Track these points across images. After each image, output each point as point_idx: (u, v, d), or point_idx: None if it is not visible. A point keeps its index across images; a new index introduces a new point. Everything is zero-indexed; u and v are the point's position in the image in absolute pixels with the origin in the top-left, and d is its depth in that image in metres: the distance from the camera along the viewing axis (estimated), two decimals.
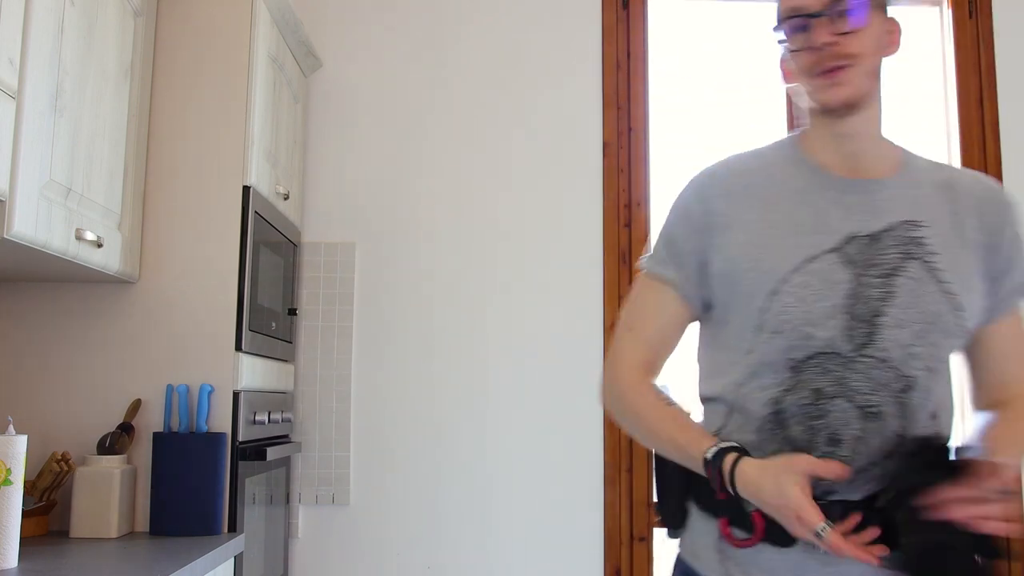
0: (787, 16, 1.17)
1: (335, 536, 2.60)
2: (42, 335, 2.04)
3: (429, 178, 2.74)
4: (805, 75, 1.17)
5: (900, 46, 1.22)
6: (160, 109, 2.11)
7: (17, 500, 1.56)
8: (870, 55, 1.16)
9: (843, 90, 1.15)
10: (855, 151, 1.20)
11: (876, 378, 1.11)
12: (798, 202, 1.18)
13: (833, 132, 1.20)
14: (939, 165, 1.27)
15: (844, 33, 1.13)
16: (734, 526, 1.15)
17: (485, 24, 2.80)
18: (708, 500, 1.18)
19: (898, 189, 1.19)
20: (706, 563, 1.20)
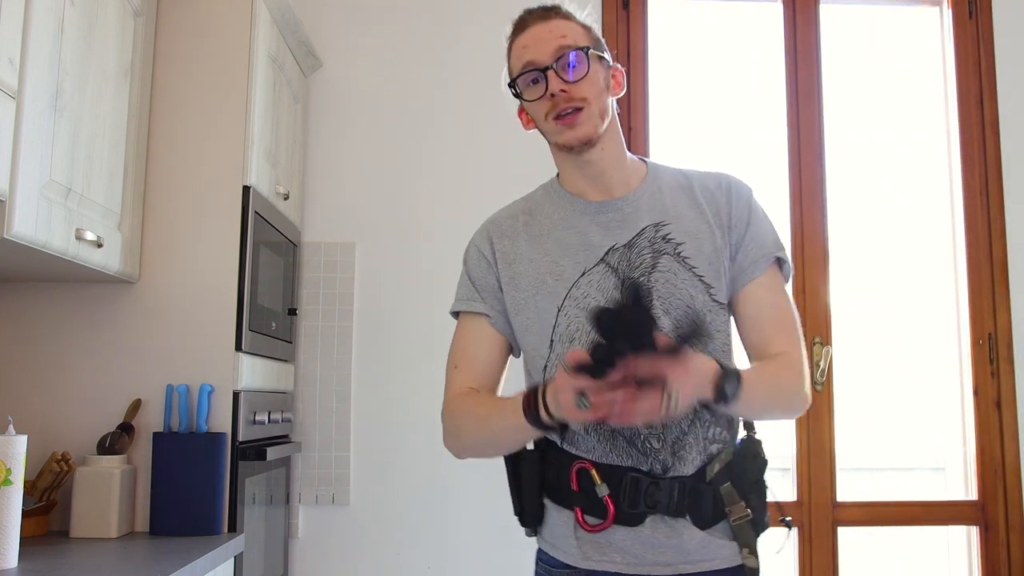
0: (522, 71, 1.33)
1: (335, 536, 2.60)
2: (42, 335, 2.04)
3: (429, 178, 2.74)
4: (543, 121, 1.34)
5: (624, 87, 1.39)
6: (160, 109, 2.11)
7: (17, 500, 1.56)
8: (596, 97, 1.32)
9: (579, 131, 1.32)
10: (601, 177, 1.37)
11: None
12: (564, 228, 1.37)
13: (578, 165, 1.37)
14: (680, 170, 1.43)
15: (572, 82, 1.30)
16: (588, 514, 1.30)
17: (485, 24, 2.80)
18: (562, 494, 1.33)
19: (643, 199, 1.37)
20: (565, 551, 1.33)
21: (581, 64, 1.31)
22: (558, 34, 1.32)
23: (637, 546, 1.29)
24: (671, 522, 1.29)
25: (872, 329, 2.93)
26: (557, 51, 1.31)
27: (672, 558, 1.29)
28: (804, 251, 2.79)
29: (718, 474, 1.31)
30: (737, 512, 1.30)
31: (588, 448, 1.32)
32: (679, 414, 1.14)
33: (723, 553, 1.30)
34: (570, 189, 1.41)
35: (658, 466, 1.29)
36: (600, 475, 1.29)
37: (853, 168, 2.93)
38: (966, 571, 2.78)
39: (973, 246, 2.79)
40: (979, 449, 2.74)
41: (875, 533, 2.86)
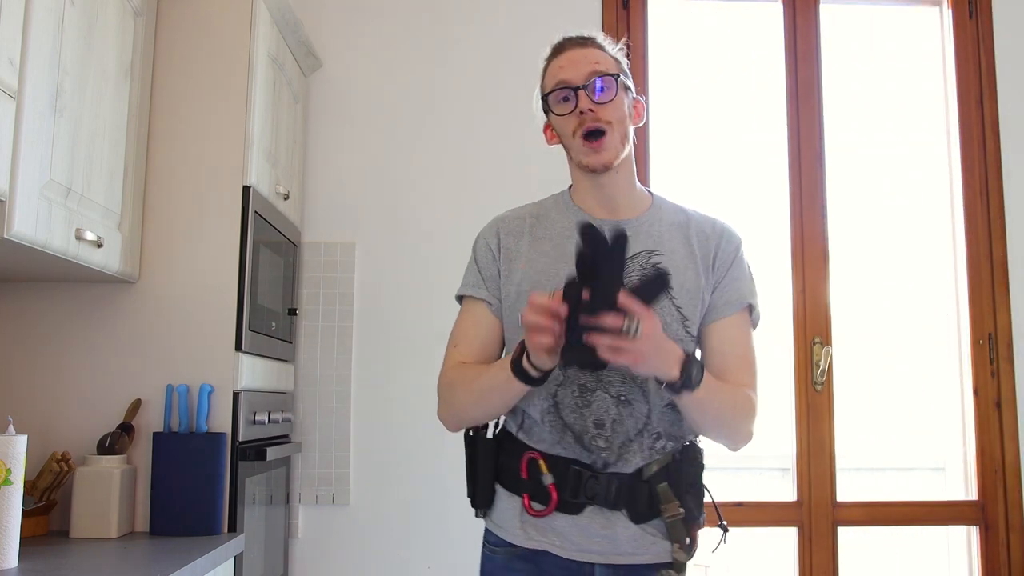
0: (554, 88, 1.45)
1: (335, 536, 2.60)
2: (42, 335, 2.04)
3: (429, 178, 2.74)
4: (570, 137, 1.45)
5: (644, 118, 1.51)
6: (160, 109, 2.11)
7: (17, 500, 1.56)
8: (620, 123, 1.44)
9: (604, 155, 1.43)
10: (611, 200, 1.49)
11: (624, 373, 1.39)
12: (566, 237, 1.47)
13: (592, 183, 1.49)
14: (682, 208, 1.55)
15: (600, 103, 1.42)
16: (534, 500, 1.43)
17: (485, 24, 2.80)
18: (512, 481, 1.46)
19: (643, 226, 1.48)
20: (509, 531, 1.46)
21: (610, 88, 1.43)
22: (592, 60, 1.45)
23: (575, 533, 1.41)
24: (608, 514, 1.41)
25: (872, 329, 2.93)
26: (590, 74, 1.43)
27: (605, 548, 1.41)
28: (804, 251, 2.79)
29: (655, 474, 1.41)
30: (671, 510, 1.40)
31: (540, 439, 1.44)
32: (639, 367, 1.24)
33: (654, 549, 1.42)
34: (579, 203, 1.52)
35: (600, 463, 1.41)
36: (547, 465, 1.42)
37: (853, 168, 2.93)
38: (966, 571, 2.78)
39: (973, 246, 2.79)
40: (979, 449, 2.74)
41: (875, 533, 2.86)
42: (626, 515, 1.41)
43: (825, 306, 2.77)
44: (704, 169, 2.95)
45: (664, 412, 1.43)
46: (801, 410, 2.72)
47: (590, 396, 1.41)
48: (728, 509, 2.71)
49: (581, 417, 1.41)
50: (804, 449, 2.71)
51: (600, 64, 1.44)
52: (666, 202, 1.54)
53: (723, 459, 3.07)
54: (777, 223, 2.84)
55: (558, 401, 1.42)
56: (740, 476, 3.12)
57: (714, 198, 2.95)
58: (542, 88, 1.50)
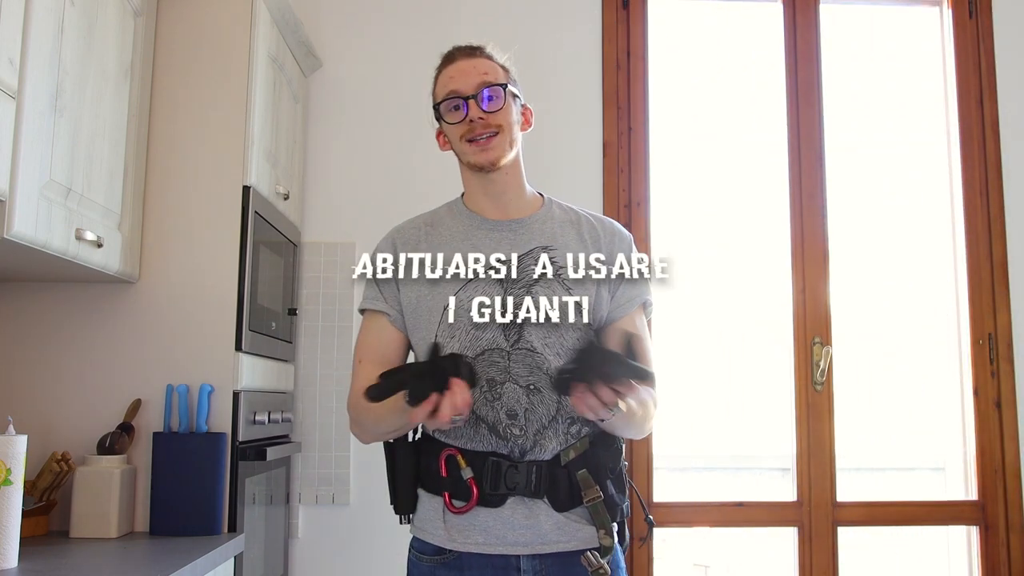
0: (446, 97, 1.52)
1: (335, 536, 2.60)
2: (42, 335, 2.04)
3: (429, 178, 2.74)
4: (458, 142, 1.52)
5: (532, 124, 1.59)
6: (160, 109, 2.11)
7: (17, 500, 1.56)
8: (509, 128, 1.51)
9: (490, 154, 1.50)
10: (501, 197, 1.55)
11: (530, 364, 1.45)
12: (460, 240, 1.53)
13: (483, 184, 1.55)
14: (571, 208, 1.62)
15: (489, 112, 1.49)
16: (455, 497, 1.45)
17: (485, 24, 2.80)
18: (432, 481, 1.49)
19: (536, 224, 1.55)
20: (433, 534, 1.48)
21: (498, 97, 1.51)
22: (481, 70, 1.52)
23: (498, 526, 1.43)
24: (530, 503, 1.43)
25: (872, 329, 2.93)
26: (479, 85, 1.50)
27: (529, 538, 1.43)
28: (804, 251, 2.79)
29: (574, 460, 1.44)
30: (591, 495, 1.43)
31: (456, 435, 1.47)
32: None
33: (580, 536, 1.44)
34: (471, 207, 1.58)
35: (517, 450, 1.44)
36: (465, 460, 1.44)
37: (853, 168, 2.93)
38: (966, 571, 2.78)
39: (973, 246, 2.79)
40: (979, 449, 2.74)
41: (875, 533, 2.86)
42: (547, 503, 1.44)
43: (825, 306, 2.77)
44: (704, 169, 2.95)
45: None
46: (801, 410, 2.72)
47: (499, 389, 1.45)
48: (728, 509, 2.73)
49: (493, 410, 1.45)
50: (804, 449, 2.71)
51: (488, 74, 1.52)
52: (556, 202, 1.62)
53: (723, 459, 3.09)
54: (777, 223, 2.84)
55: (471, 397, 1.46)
56: (740, 476, 3.12)
57: (714, 198, 2.95)
58: (434, 97, 1.57)
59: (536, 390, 1.45)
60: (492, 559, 1.44)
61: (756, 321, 2.92)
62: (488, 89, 1.50)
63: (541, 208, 1.58)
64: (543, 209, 1.58)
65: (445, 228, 1.57)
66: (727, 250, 2.92)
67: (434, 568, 1.48)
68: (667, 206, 2.85)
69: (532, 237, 1.53)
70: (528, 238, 1.52)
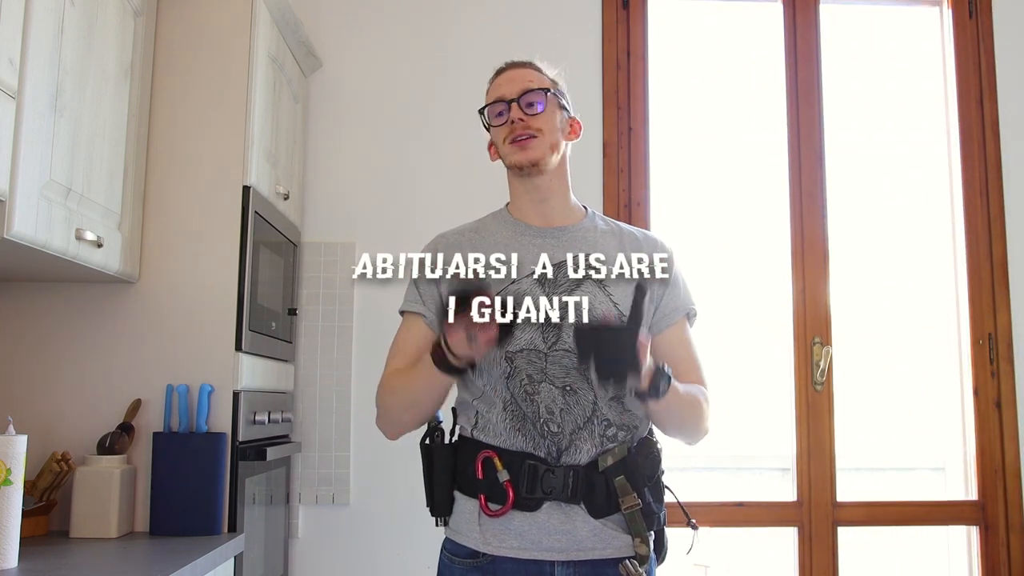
0: (491, 102, 1.57)
1: (335, 536, 2.60)
2: (42, 335, 2.04)
3: (429, 178, 2.74)
4: (502, 144, 1.55)
5: (579, 136, 1.62)
6: (160, 109, 2.11)
7: (17, 500, 1.56)
8: (550, 132, 1.54)
9: (529, 153, 1.52)
10: (545, 203, 1.58)
11: (566, 365, 1.46)
12: (505, 247, 1.55)
13: (527, 190, 1.57)
14: (613, 222, 1.65)
15: (530, 115, 1.53)
16: (490, 500, 1.45)
17: (485, 24, 2.80)
18: (469, 484, 1.48)
19: (579, 232, 1.58)
20: (467, 536, 1.47)
21: (539, 101, 1.54)
22: (526, 78, 1.57)
23: (533, 531, 1.43)
24: (566, 509, 1.43)
25: (872, 329, 2.93)
26: (522, 90, 1.54)
27: (565, 544, 1.43)
28: (804, 251, 2.79)
29: (612, 467, 1.44)
30: (628, 502, 1.43)
31: (495, 434, 1.47)
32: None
33: (615, 544, 1.44)
34: (516, 215, 1.60)
35: (554, 451, 1.44)
36: (502, 462, 1.44)
37: (853, 168, 2.93)
38: (966, 571, 2.78)
39: (973, 246, 2.79)
40: (979, 449, 2.74)
41: (875, 533, 2.86)
42: (584, 509, 1.43)
43: (825, 306, 2.77)
44: (704, 169, 2.95)
45: (611, 403, 1.48)
46: (801, 410, 2.72)
47: (537, 386, 1.46)
48: (728, 509, 2.73)
49: (532, 404, 1.46)
50: (804, 449, 2.71)
51: (533, 82, 1.56)
52: (599, 216, 1.65)
53: (723, 459, 3.09)
54: (777, 223, 2.84)
55: (512, 391, 1.48)
56: (740, 476, 3.12)
57: (714, 198, 2.95)
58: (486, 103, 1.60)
59: (572, 391, 1.46)
60: (526, 564, 1.43)
61: (756, 321, 2.92)
62: (533, 92, 1.54)
63: (584, 219, 1.61)
64: (586, 219, 1.61)
65: (490, 234, 1.59)
66: (727, 250, 2.92)
67: (466, 572, 1.48)
68: (667, 206, 2.85)
69: (575, 244, 1.55)
70: (571, 245, 1.55)
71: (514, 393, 1.47)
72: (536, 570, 1.43)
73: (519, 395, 1.47)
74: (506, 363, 1.47)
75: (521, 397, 1.46)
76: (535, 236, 1.56)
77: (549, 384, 1.46)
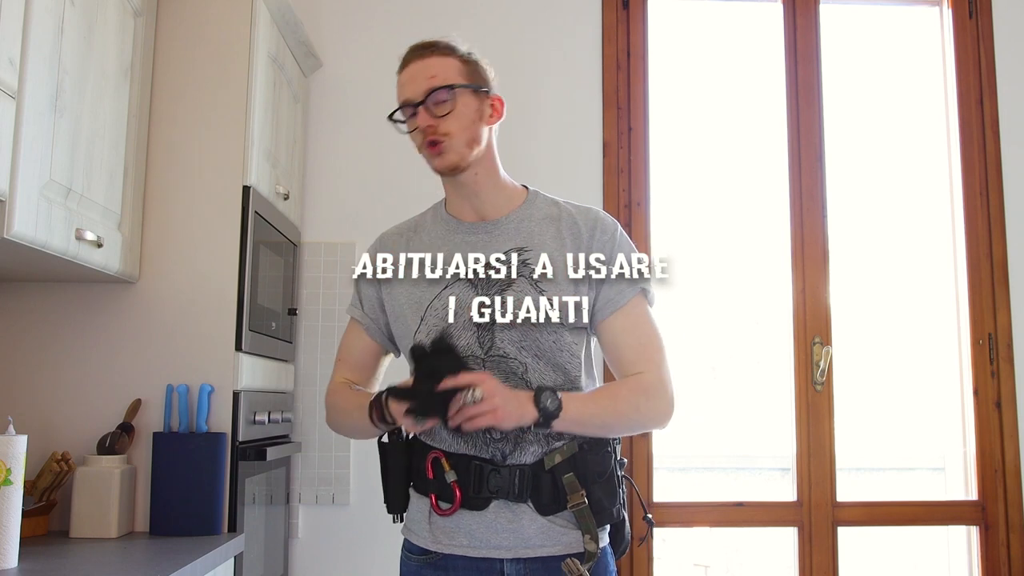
0: (399, 107, 1.53)
1: (335, 536, 2.60)
2: (42, 335, 2.04)
3: (429, 178, 2.73)
4: (420, 149, 1.52)
5: (503, 115, 1.54)
6: (160, 109, 2.11)
7: (17, 500, 1.56)
8: (463, 130, 1.48)
9: (445, 158, 1.48)
10: (475, 198, 1.54)
11: (505, 370, 1.44)
12: (439, 246, 1.53)
13: (455, 187, 1.55)
14: (554, 201, 1.57)
15: (439, 116, 1.47)
16: (440, 500, 1.46)
17: (485, 24, 2.80)
18: (421, 483, 1.50)
19: (512, 224, 1.53)
20: (419, 535, 1.49)
21: (445, 102, 1.47)
22: (429, 74, 1.48)
23: (482, 529, 1.44)
24: (513, 507, 1.44)
25: (872, 329, 2.93)
26: (426, 91, 1.47)
27: (512, 542, 1.43)
28: (804, 251, 2.79)
29: (559, 465, 1.43)
30: (575, 499, 1.42)
31: (441, 439, 1.48)
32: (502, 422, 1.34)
33: (564, 540, 1.43)
34: (450, 211, 1.58)
35: (498, 454, 1.44)
36: (449, 463, 1.45)
37: (853, 168, 2.93)
38: (966, 571, 2.78)
39: (973, 246, 2.79)
40: (979, 449, 2.74)
41: (875, 533, 2.86)
42: (531, 507, 1.43)
43: (825, 306, 2.77)
44: (704, 169, 2.95)
45: None
46: (801, 410, 2.72)
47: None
48: (728, 509, 2.73)
49: None
50: (804, 449, 2.71)
51: (436, 76, 1.47)
52: (540, 196, 1.58)
53: (723, 459, 3.09)
54: (777, 223, 2.84)
55: None
56: (740, 476, 3.12)
57: (714, 198, 2.95)
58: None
59: None
60: (476, 562, 1.44)
61: (756, 321, 2.92)
62: (437, 92, 1.47)
63: (521, 206, 1.55)
64: (522, 207, 1.55)
65: (425, 234, 1.58)
66: (727, 250, 2.92)
67: (421, 568, 1.49)
68: (667, 206, 2.85)
69: (507, 239, 1.51)
70: (504, 240, 1.51)
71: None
72: (486, 567, 1.44)
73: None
74: None
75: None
76: (467, 233, 1.53)
77: None
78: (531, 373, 1.45)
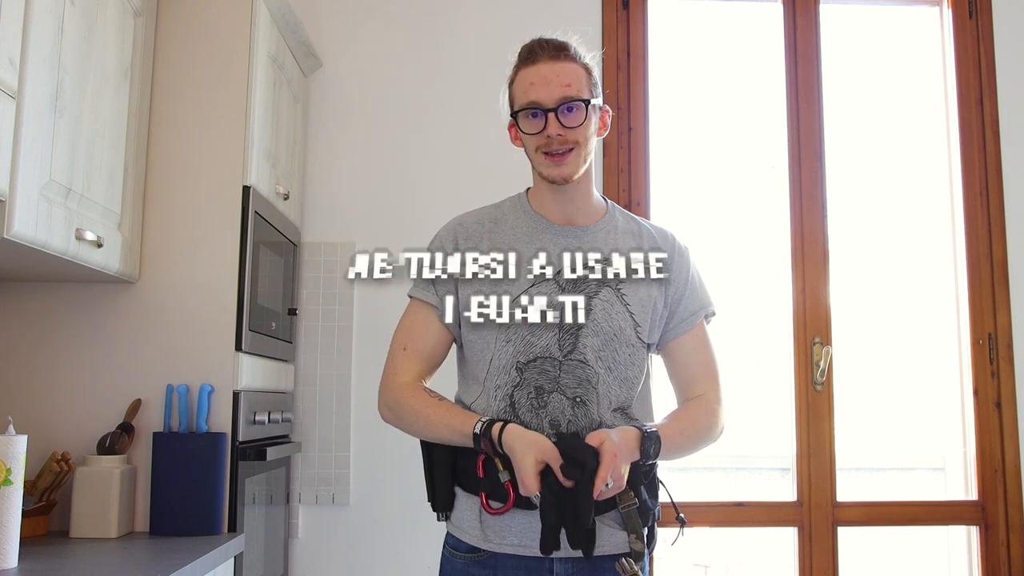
0: (525, 106, 1.47)
1: (335, 536, 2.60)
2: (42, 335, 2.04)
3: (429, 178, 2.74)
4: (534, 151, 1.49)
5: (609, 127, 1.56)
6: (160, 109, 2.11)
7: (17, 500, 1.56)
8: (586, 142, 1.48)
9: (565, 170, 1.47)
10: (569, 205, 1.54)
11: (579, 376, 1.45)
12: (525, 242, 1.52)
13: (552, 193, 1.53)
14: (634, 218, 1.63)
15: (568, 127, 1.45)
16: (491, 499, 1.44)
17: (485, 24, 2.80)
18: (470, 482, 1.47)
19: (600, 233, 1.55)
20: (468, 533, 1.48)
21: (579, 115, 1.46)
22: (564, 81, 1.46)
23: (534, 529, 1.41)
24: None
25: (872, 329, 2.93)
26: (561, 99, 1.45)
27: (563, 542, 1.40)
28: (804, 251, 2.79)
29: None
30: (625, 500, 1.41)
31: None
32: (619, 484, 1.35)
33: (612, 540, 1.45)
34: (537, 208, 1.56)
35: None
36: (502, 462, 1.40)
37: (853, 168, 2.93)
38: (966, 571, 2.78)
39: (973, 246, 2.79)
40: (979, 449, 2.74)
41: (875, 533, 2.86)
42: None
43: (825, 306, 2.77)
44: (704, 169, 2.95)
45: (615, 414, 1.49)
46: (801, 410, 2.72)
47: (546, 398, 1.45)
48: (728, 509, 2.73)
49: (537, 417, 1.45)
50: (804, 449, 2.71)
51: (572, 86, 1.46)
52: (619, 209, 1.62)
53: (723, 459, 3.09)
54: (777, 223, 2.84)
55: (515, 402, 1.46)
56: (740, 476, 3.12)
57: (714, 198, 2.95)
58: (511, 98, 1.52)
59: (582, 403, 1.45)
60: (526, 560, 1.45)
61: (756, 321, 2.92)
62: (574, 104, 1.45)
63: (604, 218, 1.57)
64: (606, 218, 1.57)
65: (509, 227, 1.55)
66: (727, 250, 2.92)
67: (467, 566, 1.49)
68: (667, 206, 2.85)
69: (595, 246, 1.52)
70: (592, 247, 1.52)
71: (517, 404, 1.46)
72: (536, 565, 1.45)
73: (524, 407, 1.45)
74: (516, 373, 1.46)
75: (526, 409, 1.45)
76: (556, 235, 1.53)
77: (560, 395, 1.45)
78: (601, 385, 1.47)
